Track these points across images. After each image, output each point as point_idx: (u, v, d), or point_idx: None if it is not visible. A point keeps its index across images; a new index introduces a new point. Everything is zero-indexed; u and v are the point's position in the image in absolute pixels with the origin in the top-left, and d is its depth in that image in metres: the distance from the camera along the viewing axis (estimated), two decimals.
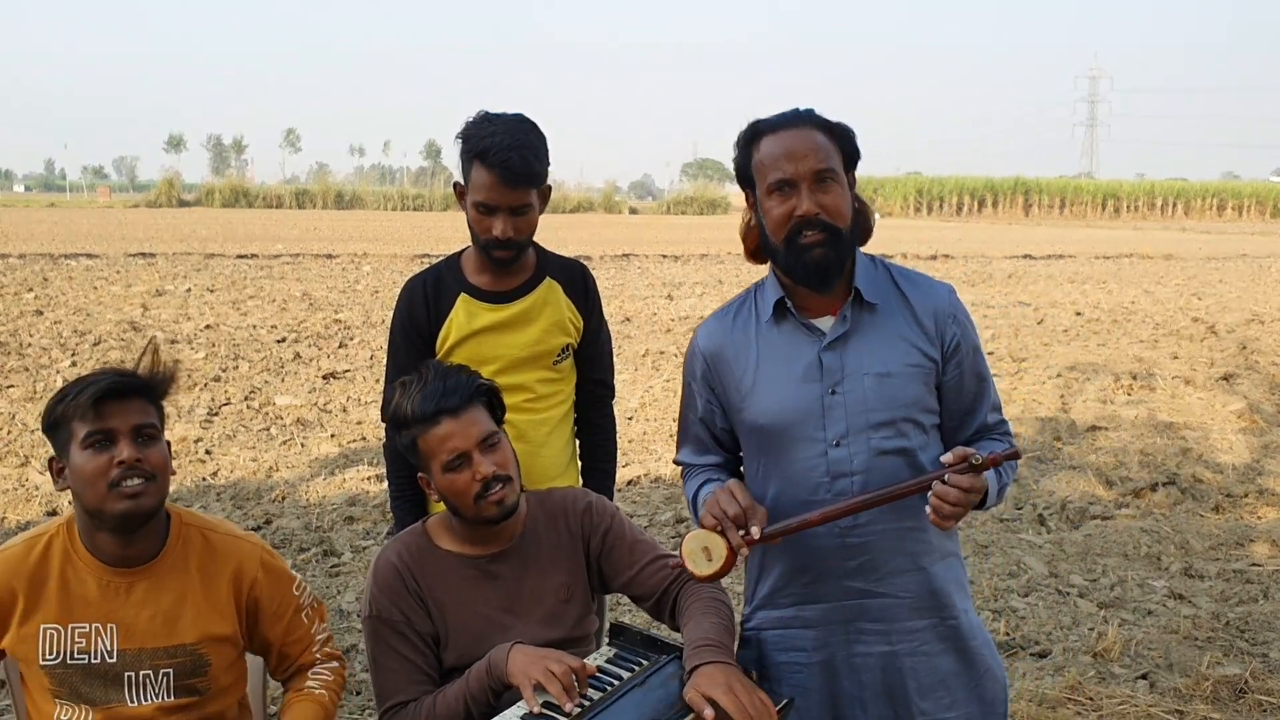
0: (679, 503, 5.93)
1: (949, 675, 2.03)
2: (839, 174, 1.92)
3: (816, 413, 1.95)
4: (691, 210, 66.79)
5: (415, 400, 2.04)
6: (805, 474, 1.97)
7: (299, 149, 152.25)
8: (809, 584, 2.03)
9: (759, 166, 1.94)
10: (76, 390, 1.88)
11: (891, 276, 2.02)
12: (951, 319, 1.99)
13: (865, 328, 1.97)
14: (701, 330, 2.13)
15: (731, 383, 2.04)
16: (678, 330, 12.30)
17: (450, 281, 2.55)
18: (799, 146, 1.89)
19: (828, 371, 1.95)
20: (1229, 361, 10.67)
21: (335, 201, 61.04)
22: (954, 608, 2.03)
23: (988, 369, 2.06)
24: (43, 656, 1.93)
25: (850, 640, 2.02)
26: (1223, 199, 71.37)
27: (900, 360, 1.95)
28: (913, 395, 1.96)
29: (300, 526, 5.41)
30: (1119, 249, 30.34)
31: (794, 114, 1.95)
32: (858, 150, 1.98)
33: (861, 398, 1.94)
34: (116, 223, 35.59)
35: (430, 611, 2.09)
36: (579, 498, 2.24)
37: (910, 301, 1.99)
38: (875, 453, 1.94)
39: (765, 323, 2.02)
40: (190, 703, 2.00)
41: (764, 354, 2.01)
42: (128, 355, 9.75)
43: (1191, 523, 5.68)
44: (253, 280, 16.61)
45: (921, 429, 1.98)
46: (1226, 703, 3.65)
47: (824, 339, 1.97)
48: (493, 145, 2.34)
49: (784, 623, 2.07)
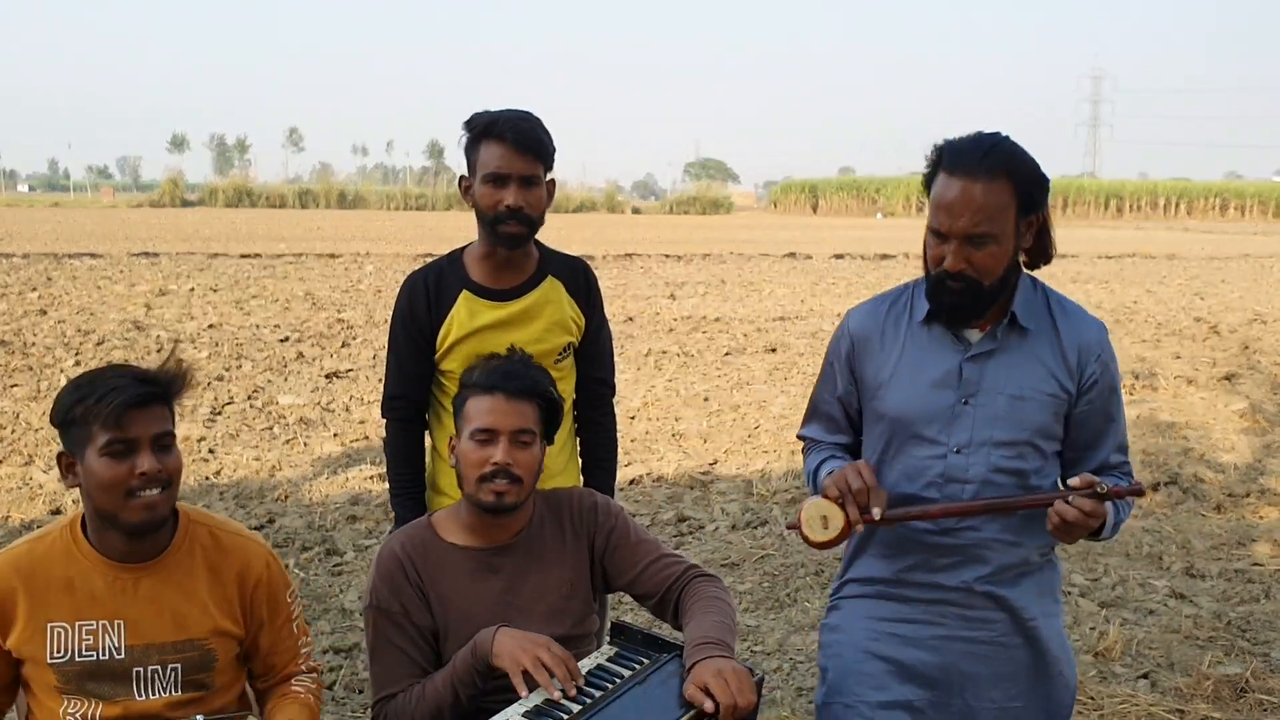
0: (681, 502, 5.94)
1: (1021, 669, 2.10)
2: (998, 235, 1.90)
3: (945, 418, 2.02)
4: (694, 210, 66.78)
5: (486, 368, 2.13)
6: (920, 471, 2.05)
7: (302, 149, 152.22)
8: (901, 571, 2.11)
9: (931, 196, 1.96)
10: (98, 394, 1.86)
11: (1048, 303, 2.06)
12: (1095, 358, 2.03)
13: (1011, 348, 2.02)
14: (854, 313, 2.18)
15: (872, 369, 2.10)
16: (680, 330, 12.30)
17: (452, 278, 2.56)
18: (960, 203, 1.88)
19: (965, 382, 2.01)
20: (1231, 361, 10.66)
21: (338, 201, 61.09)
22: (1033, 610, 2.09)
23: (1121, 411, 2.11)
24: (50, 654, 1.94)
25: (933, 623, 2.09)
26: (1225, 199, 71.19)
27: (1036, 387, 2.00)
28: (1040, 422, 2.01)
29: (303, 525, 5.42)
30: (1122, 248, 30.31)
31: (978, 154, 1.89)
32: (1040, 198, 1.95)
33: (991, 414, 2.00)
34: (120, 222, 35.62)
35: (431, 604, 2.10)
36: (585, 497, 2.26)
37: (1059, 331, 2.04)
38: (992, 468, 2.01)
39: (917, 321, 2.07)
40: (198, 697, 2.02)
41: (909, 350, 2.07)
42: (131, 354, 9.78)
43: (1193, 522, 5.69)
44: (256, 280, 16.62)
45: (1041, 454, 2.04)
46: (1228, 702, 3.66)
47: (968, 350, 2.02)
48: (500, 118, 2.42)
49: (870, 594, 2.15)
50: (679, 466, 6.63)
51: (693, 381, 9.29)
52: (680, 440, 7.31)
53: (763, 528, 5.51)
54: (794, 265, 22.30)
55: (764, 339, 11.71)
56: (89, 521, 1.97)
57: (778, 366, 10.08)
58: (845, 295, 16.21)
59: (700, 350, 10.89)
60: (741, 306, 14.66)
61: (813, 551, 5.12)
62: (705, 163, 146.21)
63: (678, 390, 8.90)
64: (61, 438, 1.94)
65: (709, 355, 10.64)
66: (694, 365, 10.10)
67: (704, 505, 5.91)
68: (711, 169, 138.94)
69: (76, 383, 1.92)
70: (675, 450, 7.05)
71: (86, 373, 1.94)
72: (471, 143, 2.45)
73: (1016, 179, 1.90)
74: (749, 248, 27.68)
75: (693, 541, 5.34)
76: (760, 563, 4.99)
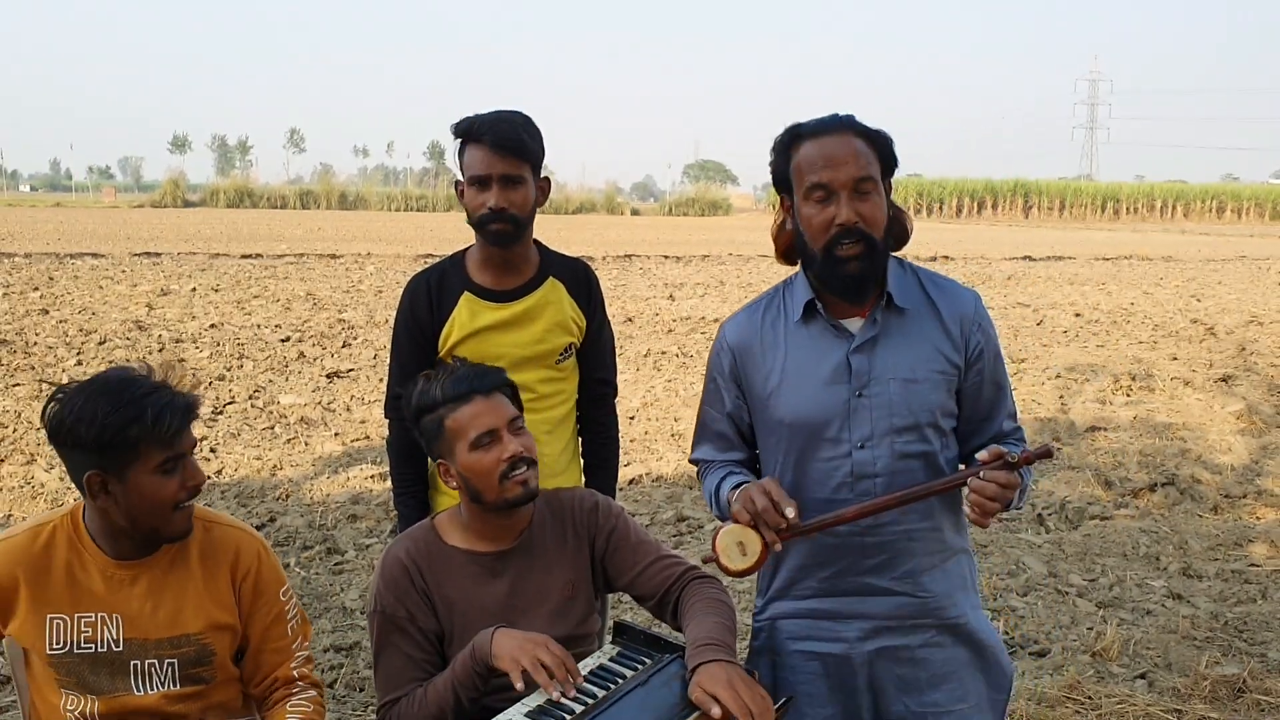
0: (680, 501, 5.96)
1: (960, 667, 2.07)
2: (878, 183, 1.93)
3: (843, 414, 1.98)
4: (693, 211, 66.75)
5: (446, 384, 2.08)
6: (828, 474, 2.00)
7: (303, 150, 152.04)
8: (826, 579, 2.06)
9: (797, 170, 1.95)
10: (153, 416, 1.84)
11: (920, 281, 2.04)
12: (977, 326, 2.02)
13: (893, 332, 1.99)
14: (729, 325, 2.14)
15: (759, 379, 2.06)
16: (679, 330, 12.33)
17: (454, 279, 2.58)
18: (839, 153, 1.90)
19: (856, 374, 1.97)
20: (1228, 363, 10.69)
21: (339, 202, 61.00)
22: (960, 605, 2.07)
23: (1007, 377, 2.09)
24: (50, 646, 1.96)
25: (865, 634, 2.05)
26: (1222, 201, 71.20)
27: (927, 366, 1.98)
28: (936, 401, 1.98)
29: (304, 525, 5.45)
30: (1118, 251, 30.32)
31: (834, 119, 1.95)
32: (896, 158, 1.98)
33: (887, 401, 1.96)
34: (122, 223, 35.61)
35: (436, 608, 2.11)
36: (586, 498, 2.26)
37: (938, 307, 2.01)
38: (898, 456, 1.97)
39: (794, 322, 2.03)
40: (195, 691, 2.03)
41: (792, 352, 2.03)
42: (133, 354, 9.79)
43: (1190, 523, 5.71)
44: (257, 280, 16.63)
45: (941, 433, 2.01)
46: (1225, 702, 3.68)
47: (853, 341, 1.98)
48: (479, 121, 2.44)
49: (799, 613, 2.10)
50: (678, 466, 6.65)
51: (692, 382, 9.31)
52: (679, 440, 7.33)
53: None
54: (793, 267, 22.27)
55: None
56: (101, 527, 1.98)
57: None
58: None
59: (699, 351, 10.91)
60: (740, 307, 14.65)
61: None
62: (704, 165, 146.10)
63: (677, 390, 8.93)
64: (88, 458, 1.87)
65: (708, 356, 10.64)
66: (693, 366, 10.12)
67: (703, 505, 5.93)
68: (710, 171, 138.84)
69: (111, 401, 1.84)
70: (674, 450, 7.07)
71: (106, 388, 1.87)
72: (459, 148, 2.49)
73: (871, 138, 1.94)
74: (747, 249, 27.70)
75: (692, 541, 5.36)
76: None
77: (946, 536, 2.06)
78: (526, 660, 1.90)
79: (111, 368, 1.98)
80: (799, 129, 1.97)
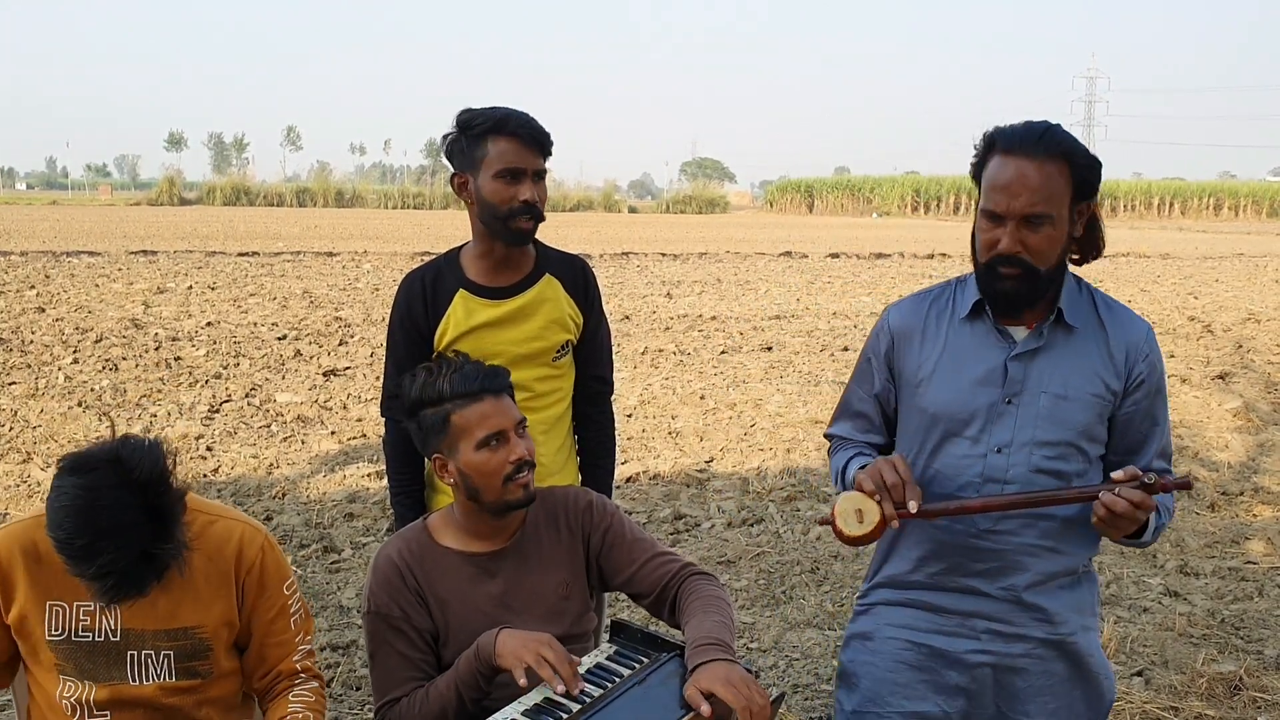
0: (678, 500, 5.96)
1: (1059, 683, 2.06)
2: (1055, 216, 1.88)
3: (987, 416, 1.98)
4: (690, 209, 66.82)
5: (454, 379, 2.06)
6: (959, 471, 2.00)
7: (300, 147, 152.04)
8: (935, 574, 2.06)
9: (984, 180, 1.93)
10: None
11: (1094, 302, 2.03)
12: (1143, 357, 1.99)
13: (1058, 347, 1.98)
14: (894, 309, 2.14)
15: (912, 365, 2.06)
16: (677, 328, 12.32)
17: (449, 276, 2.56)
18: (1018, 182, 1.86)
19: (1009, 380, 1.97)
20: (1225, 360, 10.70)
21: (336, 200, 61.02)
22: (1071, 624, 2.05)
23: (1165, 416, 2.05)
24: (49, 632, 1.97)
25: (965, 635, 2.05)
26: (1219, 199, 71.30)
27: (1082, 387, 1.96)
28: (1084, 422, 1.97)
29: (300, 523, 5.44)
30: (1115, 248, 30.29)
31: (1034, 135, 1.89)
32: (1095, 182, 1.93)
33: (1034, 414, 1.96)
34: (118, 220, 35.57)
35: (430, 608, 2.10)
36: (580, 496, 2.25)
37: (1107, 330, 2.00)
38: (1033, 469, 1.96)
39: (960, 318, 2.03)
40: (192, 685, 2.03)
41: (950, 346, 2.03)
42: (129, 352, 9.78)
43: (1187, 520, 5.71)
44: (254, 278, 16.61)
45: (1084, 457, 1.99)
46: (1221, 700, 3.68)
47: (1013, 348, 1.98)
48: (508, 115, 2.43)
49: (902, 601, 2.11)
50: (675, 464, 6.65)
51: (689, 380, 9.31)
52: (676, 438, 7.33)
53: (759, 525, 5.53)
54: (790, 264, 22.32)
55: (760, 337, 11.73)
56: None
57: (773, 365, 10.10)
58: (841, 294, 16.24)
59: (696, 348, 10.91)
60: (737, 305, 14.68)
61: (809, 549, 5.14)
62: (702, 162, 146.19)
63: (674, 388, 8.92)
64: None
65: (705, 353, 10.66)
66: (690, 363, 10.12)
67: (700, 503, 5.93)
68: (708, 168, 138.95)
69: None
70: (671, 448, 7.06)
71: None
72: (474, 139, 2.43)
73: (1072, 161, 1.88)
74: (745, 247, 27.70)
75: (689, 539, 5.35)
76: (756, 560, 5.01)
77: (1065, 559, 2.03)
78: (530, 657, 1.90)
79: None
80: (996, 137, 1.93)
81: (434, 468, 2.13)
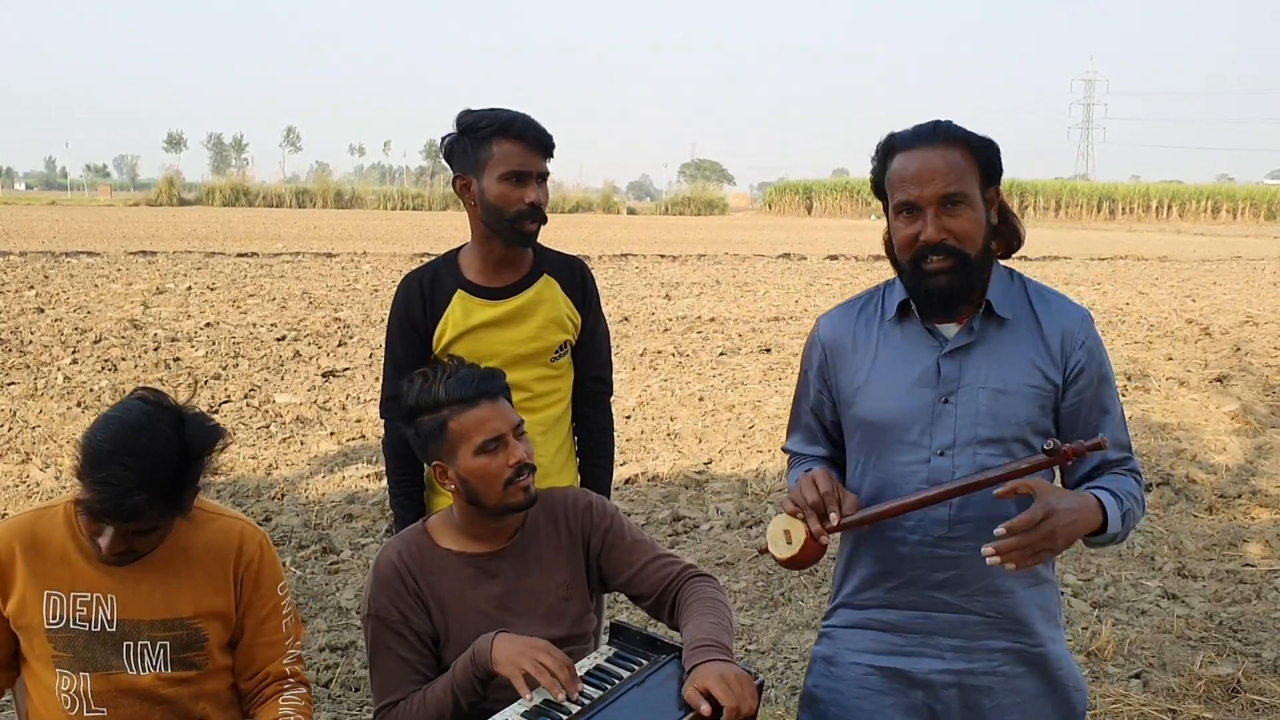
0: (676, 501, 5.96)
1: (1028, 700, 1.98)
2: (970, 196, 1.87)
3: (925, 419, 1.93)
4: (689, 211, 66.86)
5: (450, 384, 2.06)
6: (904, 478, 1.94)
7: (299, 148, 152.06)
8: (893, 589, 1.99)
9: (890, 182, 1.91)
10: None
11: (1026, 291, 1.98)
12: (1080, 344, 1.93)
13: (990, 341, 1.93)
14: (824, 320, 2.11)
15: (846, 375, 2.02)
16: (675, 330, 12.33)
17: (447, 277, 2.56)
18: (927, 168, 1.86)
19: (944, 380, 1.92)
20: (1223, 363, 10.71)
21: (335, 201, 60.99)
22: (1039, 635, 1.98)
23: (1116, 403, 1.98)
24: (46, 620, 1.99)
25: (928, 653, 1.98)
26: (1217, 201, 71.31)
27: (1019, 379, 1.91)
28: (1025, 416, 1.91)
29: (299, 524, 5.44)
30: (1114, 251, 30.36)
31: (929, 129, 1.90)
32: (999, 165, 1.92)
33: (973, 411, 1.90)
34: (117, 221, 35.55)
35: (430, 611, 2.10)
36: (579, 497, 2.25)
37: (1040, 320, 1.94)
38: (979, 468, 1.89)
39: (888, 321, 1.99)
40: (188, 676, 2.05)
41: (882, 351, 1.98)
42: (128, 352, 9.78)
43: (1185, 523, 5.72)
44: (253, 279, 16.61)
45: (1031, 450, 1.91)
46: (1219, 702, 3.68)
47: (945, 346, 1.93)
48: (513, 118, 2.43)
49: (863, 623, 2.04)
50: (674, 466, 6.65)
51: (688, 381, 9.32)
52: (675, 440, 7.33)
53: (757, 527, 5.53)
54: (788, 266, 22.33)
55: (758, 339, 11.74)
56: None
57: (772, 366, 10.11)
58: (839, 295, 16.19)
59: (695, 350, 10.92)
60: (736, 307, 14.69)
61: None
62: (700, 164, 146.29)
63: (673, 390, 8.93)
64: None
65: (704, 355, 10.66)
66: (689, 365, 10.13)
67: (699, 504, 5.93)
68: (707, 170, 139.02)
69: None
70: (670, 450, 7.07)
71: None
72: (478, 142, 2.43)
73: (972, 145, 1.88)
74: (744, 248, 27.71)
75: (688, 541, 5.36)
76: (755, 562, 5.02)
77: None
78: (529, 665, 1.89)
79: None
80: (893, 140, 1.93)
81: (434, 475, 2.13)
